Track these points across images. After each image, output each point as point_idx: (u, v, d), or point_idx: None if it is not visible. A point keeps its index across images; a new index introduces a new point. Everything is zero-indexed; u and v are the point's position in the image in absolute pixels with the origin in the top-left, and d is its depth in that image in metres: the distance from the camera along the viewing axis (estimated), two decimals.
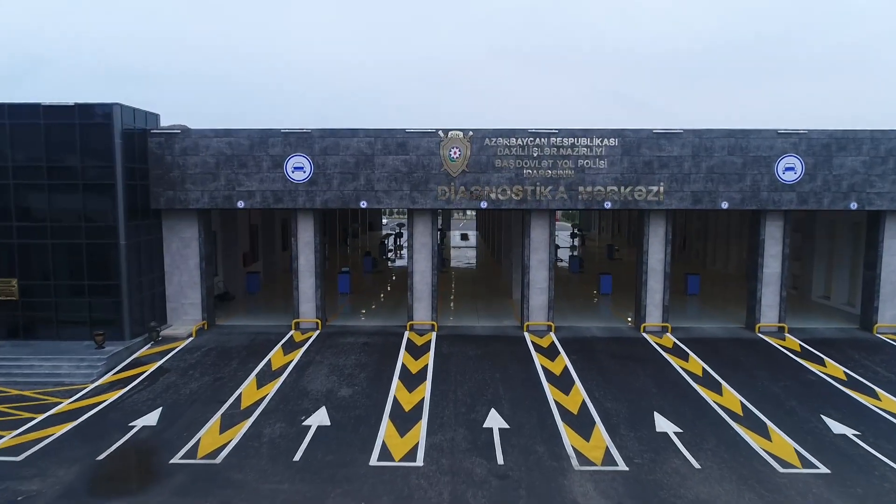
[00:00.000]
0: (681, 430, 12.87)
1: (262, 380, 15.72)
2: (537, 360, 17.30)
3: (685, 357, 17.65)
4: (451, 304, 24.82)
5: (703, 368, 16.67)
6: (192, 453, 11.81)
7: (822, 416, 13.60)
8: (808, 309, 23.91)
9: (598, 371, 16.43)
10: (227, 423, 13.15)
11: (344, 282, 26.88)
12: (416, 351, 18.08)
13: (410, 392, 14.90)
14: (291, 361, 17.11)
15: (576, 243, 49.79)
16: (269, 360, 17.26)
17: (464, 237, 57.97)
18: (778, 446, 12.18)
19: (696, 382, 15.62)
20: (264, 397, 14.60)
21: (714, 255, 35.55)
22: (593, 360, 17.29)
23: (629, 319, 21.83)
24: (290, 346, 18.52)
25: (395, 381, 15.64)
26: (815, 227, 25.64)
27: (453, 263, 38.26)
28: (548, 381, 15.67)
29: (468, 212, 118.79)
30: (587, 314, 23.26)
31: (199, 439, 12.42)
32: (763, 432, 12.78)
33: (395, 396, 14.63)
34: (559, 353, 17.97)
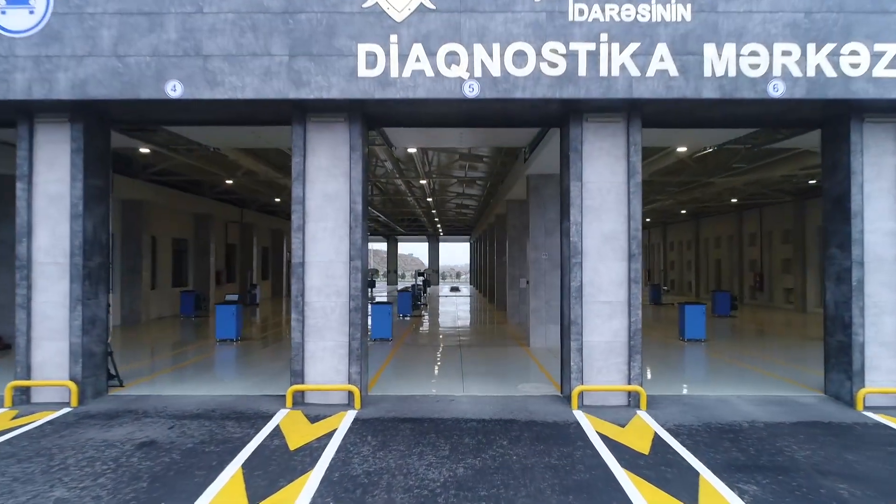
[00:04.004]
0: None
1: None
2: (638, 497, 5.40)
3: None
4: (411, 355, 12.98)
5: None
6: None
7: None
8: None
9: None
10: None
11: (226, 320, 14.95)
12: (276, 467, 6.15)
13: None
14: None
15: None
16: None
17: (454, 289, 46.38)
18: None
19: None
20: None
21: (810, 293, 23.90)
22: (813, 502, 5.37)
23: (814, 389, 10.03)
24: None
25: None
26: None
27: (439, 311, 26.46)
28: None
29: (461, 275, 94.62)
30: (698, 372, 11.49)
31: None
32: None
33: None
34: (694, 472, 6.06)
